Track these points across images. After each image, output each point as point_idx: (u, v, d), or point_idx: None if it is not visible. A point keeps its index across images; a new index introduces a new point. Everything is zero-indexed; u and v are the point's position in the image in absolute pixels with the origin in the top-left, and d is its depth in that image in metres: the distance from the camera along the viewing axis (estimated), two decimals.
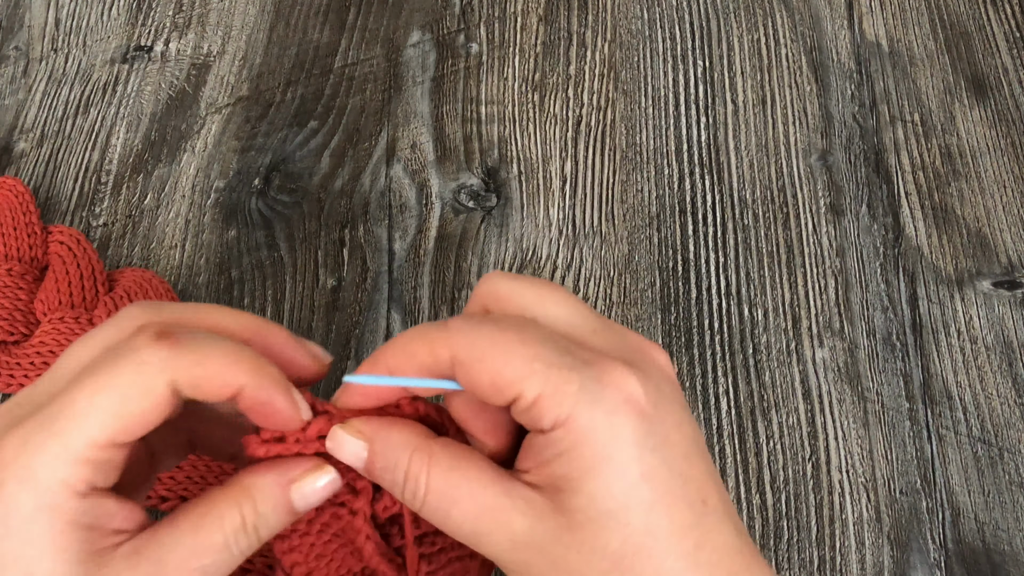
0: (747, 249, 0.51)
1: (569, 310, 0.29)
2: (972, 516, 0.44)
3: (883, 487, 0.44)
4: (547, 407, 0.26)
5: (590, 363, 0.27)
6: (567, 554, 0.26)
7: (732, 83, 0.57)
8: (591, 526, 0.26)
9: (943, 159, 0.54)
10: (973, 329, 0.48)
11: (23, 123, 0.57)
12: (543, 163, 0.55)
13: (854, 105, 0.56)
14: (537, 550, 0.27)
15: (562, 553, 0.27)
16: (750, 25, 0.59)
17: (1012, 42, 0.58)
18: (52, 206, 0.54)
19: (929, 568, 0.42)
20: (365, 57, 0.59)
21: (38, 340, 0.46)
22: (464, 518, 0.27)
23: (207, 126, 0.56)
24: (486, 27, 0.60)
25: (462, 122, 0.56)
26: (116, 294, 0.47)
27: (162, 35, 0.60)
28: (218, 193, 0.54)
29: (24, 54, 0.60)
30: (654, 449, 0.26)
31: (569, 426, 0.26)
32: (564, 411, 0.26)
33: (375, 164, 0.55)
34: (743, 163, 0.54)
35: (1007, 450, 0.45)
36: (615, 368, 0.27)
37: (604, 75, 0.58)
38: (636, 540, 0.26)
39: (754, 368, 0.47)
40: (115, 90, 0.58)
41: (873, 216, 0.52)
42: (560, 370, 0.26)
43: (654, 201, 0.53)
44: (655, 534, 0.26)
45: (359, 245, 0.52)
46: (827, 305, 0.49)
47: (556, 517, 0.27)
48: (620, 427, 0.26)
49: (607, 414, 0.26)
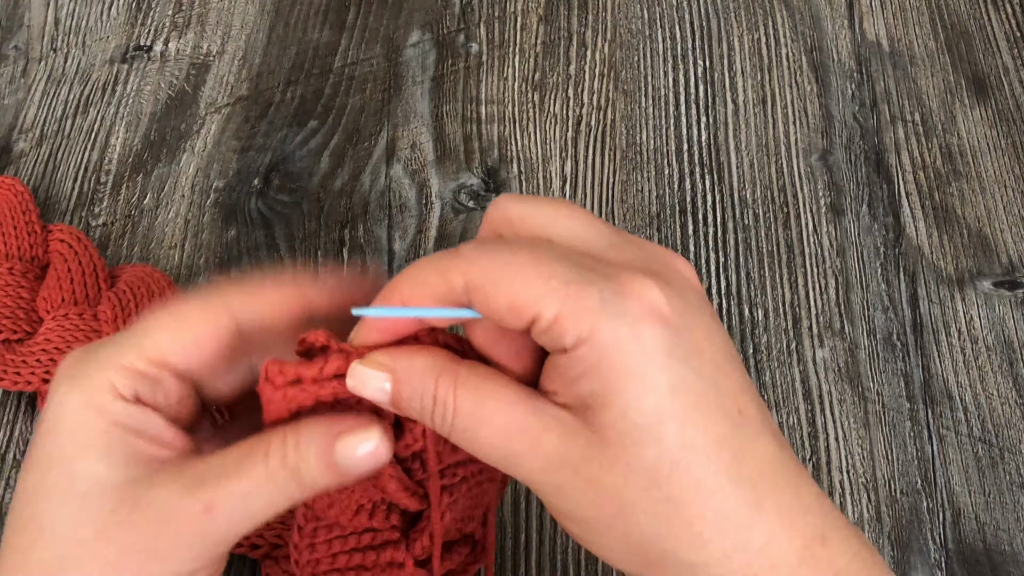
0: (747, 249, 0.51)
1: (584, 225, 0.28)
2: (973, 516, 0.44)
3: (883, 487, 0.44)
4: (568, 325, 0.25)
5: (609, 276, 0.26)
6: (601, 473, 0.26)
7: (732, 83, 0.57)
8: (624, 442, 0.25)
9: (944, 159, 0.54)
10: (974, 329, 0.48)
11: (22, 123, 0.57)
12: (543, 163, 0.55)
13: (854, 105, 0.56)
14: (571, 470, 0.26)
15: (596, 472, 0.26)
16: (750, 25, 0.59)
17: (1012, 42, 0.58)
18: (51, 206, 0.54)
19: (930, 568, 0.42)
20: (365, 57, 0.59)
21: (42, 337, 0.46)
22: (494, 439, 0.26)
23: (207, 126, 0.56)
24: (486, 27, 0.60)
25: (462, 122, 0.56)
26: (118, 289, 0.47)
27: (162, 35, 0.60)
28: (218, 193, 0.54)
29: (23, 54, 0.60)
30: (684, 359, 0.25)
31: (592, 342, 0.25)
32: (586, 327, 0.25)
33: (375, 164, 0.55)
34: (743, 163, 0.54)
35: (1008, 450, 0.45)
36: (636, 279, 0.26)
37: (604, 75, 0.58)
38: (672, 454, 0.25)
39: (754, 368, 0.47)
40: (115, 90, 0.58)
41: (873, 216, 0.52)
42: (579, 286, 0.25)
43: (654, 201, 0.53)
44: (692, 447, 0.25)
45: (359, 245, 0.52)
46: (827, 305, 0.49)
47: (587, 434, 0.26)
48: (646, 338, 0.25)
49: (631, 326, 0.25)
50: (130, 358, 0.27)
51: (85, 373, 0.27)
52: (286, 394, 0.27)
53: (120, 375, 0.27)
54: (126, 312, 0.46)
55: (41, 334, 0.46)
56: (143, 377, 0.27)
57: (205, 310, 0.27)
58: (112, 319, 0.46)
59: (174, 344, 0.27)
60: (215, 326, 0.27)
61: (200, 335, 0.27)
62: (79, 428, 0.27)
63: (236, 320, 0.28)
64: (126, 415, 0.27)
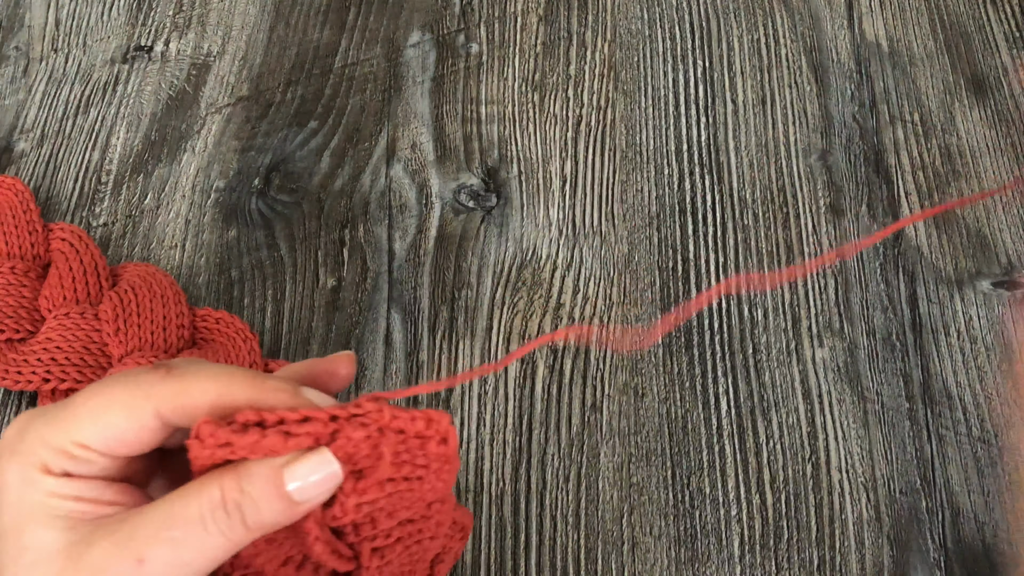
0: (747, 249, 0.51)
1: None
2: (972, 516, 0.44)
3: (883, 487, 0.44)
4: None
5: None
6: None
7: (732, 83, 0.57)
8: None
9: (943, 159, 0.54)
10: (973, 329, 0.49)
11: (23, 123, 0.57)
12: (543, 163, 0.55)
13: (854, 105, 0.56)
14: None
15: None
16: (750, 25, 0.60)
17: (1012, 42, 0.58)
18: (52, 206, 0.54)
19: (929, 568, 0.42)
20: (365, 57, 0.59)
21: (44, 336, 0.46)
22: None
23: (207, 126, 0.57)
24: (486, 27, 0.60)
25: (462, 122, 0.56)
26: (120, 288, 0.47)
27: (162, 35, 0.60)
28: (218, 193, 0.54)
29: (24, 54, 0.60)
30: None
31: None
32: None
33: (375, 164, 0.55)
34: (743, 163, 0.54)
35: (1007, 450, 0.45)
36: None
37: (604, 75, 0.58)
38: None
39: (754, 368, 0.48)
40: (115, 90, 0.58)
41: (873, 216, 0.52)
42: None
43: (654, 201, 0.53)
44: None
45: (359, 245, 0.52)
46: (827, 305, 0.49)
47: None
48: None
49: None
50: (59, 440, 0.28)
51: (20, 450, 0.28)
52: (214, 453, 0.27)
53: (50, 454, 0.28)
54: (127, 311, 0.46)
55: (43, 333, 0.46)
56: (71, 457, 0.28)
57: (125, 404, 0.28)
58: (113, 318, 0.46)
59: (96, 435, 0.28)
60: (136, 420, 0.28)
61: (121, 430, 0.28)
62: (20, 501, 0.28)
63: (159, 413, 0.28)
64: (58, 487, 0.28)
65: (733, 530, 0.44)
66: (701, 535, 0.43)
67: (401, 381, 0.48)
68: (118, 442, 0.28)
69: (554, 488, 0.45)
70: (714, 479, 0.45)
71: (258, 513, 0.27)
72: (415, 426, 0.29)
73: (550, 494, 0.44)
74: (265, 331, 0.49)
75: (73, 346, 0.45)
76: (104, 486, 0.28)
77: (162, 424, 0.28)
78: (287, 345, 0.49)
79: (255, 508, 0.27)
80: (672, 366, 0.48)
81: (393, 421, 0.28)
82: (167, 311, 0.47)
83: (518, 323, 0.49)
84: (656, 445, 0.46)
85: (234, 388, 0.28)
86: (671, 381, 0.47)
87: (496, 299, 0.50)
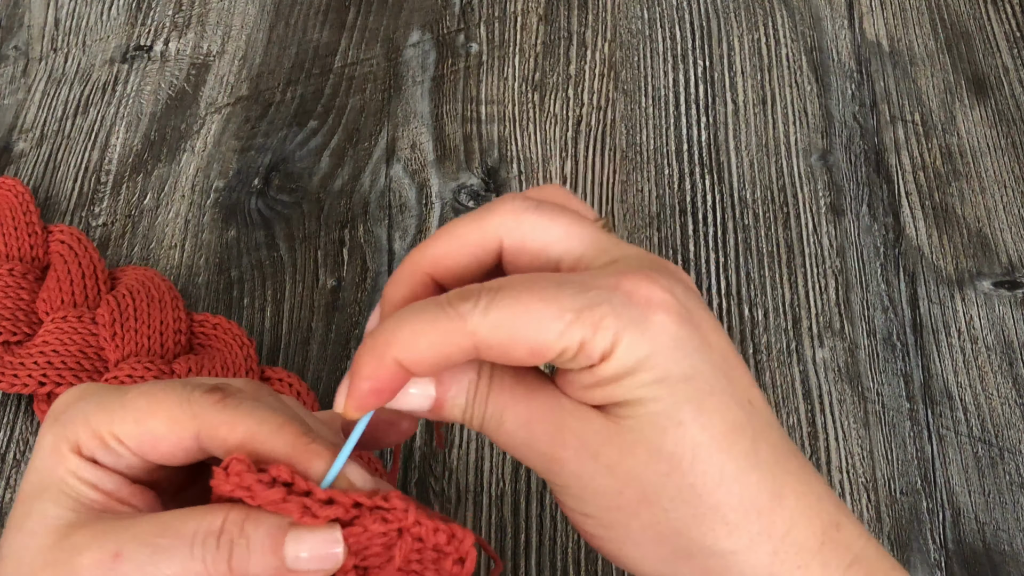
0: (747, 249, 0.51)
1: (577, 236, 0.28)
2: (972, 516, 0.44)
3: (883, 487, 0.44)
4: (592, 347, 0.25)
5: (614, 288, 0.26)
6: (622, 458, 0.26)
7: (732, 83, 0.57)
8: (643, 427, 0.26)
9: (943, 159, 0.54)
10: (973, 329, 0.48)
11: (23, 123, 0.57)
12: (543, 163, 0.55)
13: (854, 105, 0.56)
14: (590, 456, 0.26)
15: (616, 457, 0.26)
16: (750, 25, 0.59)
17: (1012, 42, 0.58)
18: (52, 206, 0.54)
19: (929, 568, 0.42)
20: (365, 57, 0.59)
21: (41, 340, 0.46)
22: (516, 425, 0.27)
23: (207, 126, 0.56)
24: (486, 27, 0.60)
25: (462, 122, 0.56)
26: (118, 292, 0.47)
27: (162, 35, 0.60)
28: (218, 193, 0.54)
29: (24, 54, 0.60)
30: (696, 350, 0.26)
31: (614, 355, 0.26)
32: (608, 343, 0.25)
33: (375, 164, 0.55)
34: (743, 163, 0.54)
35: (1007, 450, 0.45)
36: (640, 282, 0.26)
37: (604, 75, 0.58)
38: (692, 440, 0.26)
39: (754, 368, 0.47)
40: (115, 90, 0.58)
41: (873, 216, 0.52)
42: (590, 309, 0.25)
43: (654, 201, 0.53)
44: (710, 432, 0.26)
45: (359, 245, 0.52)
46: (827, 305, 0.49)
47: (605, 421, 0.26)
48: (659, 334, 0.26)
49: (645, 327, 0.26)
50: (100, 424, 0.28)
51: (63, 420, 0.28)
52: (234, 491, 0.27)
53: (87, 436, 0.28)
54: (124, 316, 0.46)
55: (40, 336, 0.46)
56: (104, 446, 0.28)
57: (170, 418, 0.28)
58: (110, 323, 0.46)
59: (134, 433, 0.28)
60: (175, 435, 0.28)
61: (159, 438, 0.28)
62: (44, 469, 0.28)
63: (199, 436, 0.28)
64: (82, 468, 0.28)
65: None
66: None
67: None
68: (152, 448, 0.28)
69: None
70: None
71: (246, 560, 0.26)
72: (436, 538, 0.28)
73: (550, 494, 0.44)
74: (265, 331, 0.49)
75: (70, 350, 0.45)
76: (124, 483, 0.28)
77: (199, 447, 0.28)
78: (287, 345, 0.49)
79: (245, 554, 0.26)
80: None
81: (415, 528, 0.27)
82: (164, 316, 0.47)
83: None
84: None
85: (279, 440, 0.27)
86: None
87: None
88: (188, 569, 0.26)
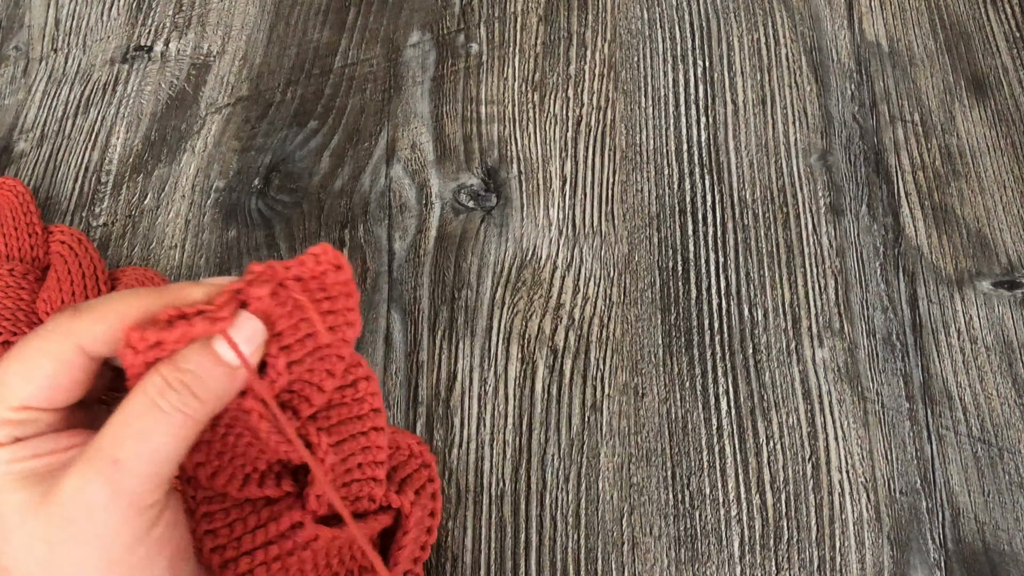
0: (747, 249, 0.51)
1: None
2: (972, 516, 0.44)
3: (883, 487, 0.44)
4: None
5: None
6: None
7: (732, 83, 0.57)
8: None
9: (943, 159, 0.54)
10: (973, 329, 0.49)
11: (23, 123, 0.57)
12: (543, 163, 0.55)
13: (854, 105, 0.56)
14: None
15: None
16: (750, 25, 0.59)
17: (1012, 42, 0.58)
18: (52, 206, 0.54)
19: (929, 568, 0.42)
20: (365, 57, 0.59)
21: None
22: None
23: (207, 126, 0.57)
24: (486, 27, 0.60)
25: (462, 122, 0.56)
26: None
27: (162, 35, 0.60)
28: (218, 193, 0.54)
29: (24, 54, 0.60)
30: None
31: None
32: None
33: (375, 164, 0.55)
34: (743, 163, 0.54)
35: (1007, 450, 0.45)
36: None
37: (604, 75, 0.58)
38: None
39: (754, 368, 0.48)
40: (115, 90, 0.58)
41: (873, 216, 0.52)
42: None
43: (654, 201, 0.53)
44: None
45: (359, 245, 0.52)
46: (827, 305, 0.49)
47: None
48: None
49: None
50: None
51: None
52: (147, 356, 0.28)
53: None
54: None
55: None
56: (15, 423, 0.28)
57: (48, 350, 0.28)
58: None
59: (31, 392, 0.28)
60: (63, 361, 0.28)
61: (53, 376, 0.28)
62: None
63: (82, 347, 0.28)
64: (12, 454, 0.28)
65: (733, 530, 0.44)
66: (701, 535, 0.43)
67: (402, 380, 0.48)
68: (54, 391, 0.28)
69: (554, 488, 0.45)
70: (714, 479, 0.45)
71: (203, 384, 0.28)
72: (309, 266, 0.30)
73: (550, 494, 0.44)
74: None
75: None
76: (57, 437, 0.29)
77: (89, 359, 0.28)
78: None
79: (199, 380, 0.28)
80: (672, 366, 0.48)
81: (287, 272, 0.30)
82: None
83: (518, 323, 0.49)
84: (656, 445, 0.46)
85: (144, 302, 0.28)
86: (671, 381, 0.47)
87: (496, 299, 0.50)
88: (173, 426, 0.27)
